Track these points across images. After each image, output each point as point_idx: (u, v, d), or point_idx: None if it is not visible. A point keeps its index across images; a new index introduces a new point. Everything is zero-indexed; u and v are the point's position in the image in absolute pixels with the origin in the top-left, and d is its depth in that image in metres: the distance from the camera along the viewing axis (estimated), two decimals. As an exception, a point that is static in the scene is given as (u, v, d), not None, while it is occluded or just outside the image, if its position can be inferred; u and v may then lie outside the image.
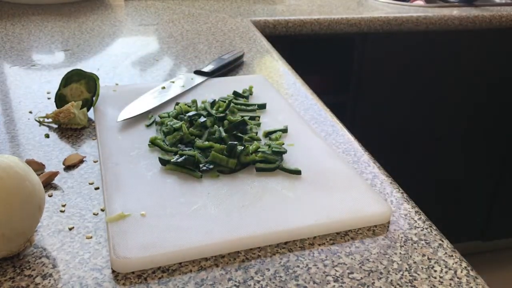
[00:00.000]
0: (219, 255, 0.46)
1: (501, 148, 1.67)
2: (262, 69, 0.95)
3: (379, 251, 0.47)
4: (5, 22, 1.18)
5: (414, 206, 0.54)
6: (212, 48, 1.04)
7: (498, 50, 1.51)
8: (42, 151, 0.63)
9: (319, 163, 0.59)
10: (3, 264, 0.44)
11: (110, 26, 1.18)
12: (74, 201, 0.53)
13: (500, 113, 1.61)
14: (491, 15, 1.42)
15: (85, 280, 0.43)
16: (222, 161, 0.57)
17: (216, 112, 0.68)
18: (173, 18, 1.28)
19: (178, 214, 0.49)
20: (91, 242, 0.47)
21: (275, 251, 0.47)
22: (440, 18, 1.38)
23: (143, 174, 0.56)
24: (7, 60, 0.95)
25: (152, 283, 0.43)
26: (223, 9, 1.38)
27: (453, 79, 1.51)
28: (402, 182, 0.65)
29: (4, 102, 0.77)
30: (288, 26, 1.30)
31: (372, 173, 0.60)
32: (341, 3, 1.48)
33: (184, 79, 0.83)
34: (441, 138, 1.60)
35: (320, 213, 0.50)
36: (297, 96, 0.82)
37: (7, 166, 0.42)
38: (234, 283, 0.43)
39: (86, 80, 0.73)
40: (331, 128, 0.71)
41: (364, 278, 0.44)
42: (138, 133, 0.65)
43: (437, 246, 0.48)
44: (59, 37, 1.09)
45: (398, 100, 1.51)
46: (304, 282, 0.43)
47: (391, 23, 1.36)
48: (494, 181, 1.72)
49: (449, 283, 0.44)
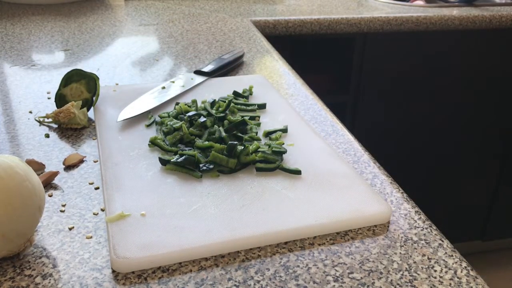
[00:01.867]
0: (219, 255, 0.46)
1: (501, 148, 1.67)
2: (262, 69, 0.95)
3: (379, 251, 0.47)
4: (5, 22, 1.18)
5: (414, 206, 0.54)
6: (212, 48, 1.04)
7: (498, 50, 1.51)
8: (42, 151, 0.63)
9: (319, 163, 0.59)
10: (3, 264, 0.44)
11: (110, 26, 1.18)
12: (74, 201, 0.53)
13: (500, 113, 1.61)
14: (491, 15, 1.42)
15: (85, 280, 0.43)
16: (222, 161, 0.57)
17: (216, 112, 0.68)
18: (173, 18, 1.28)
19: (178, 214, 0.49)
20: (91, 242, 0.47)
21: (275, 251, 0.47)
22: (440, 18, 1.38)
23: (143, 174, 0.56)
24: (7, 60, 0.95)
25: (152, 283, 0.43)
26: (223, 9, 1.38)
27: (453, 79, 1.51)
28: (402, 182, 0.65)
29: (4, 102, 0.77)
30: (288, 26, 1.30)
31: (372, 173, 0.60)
32: (341, 3, 1.48)
33: (184, 79, 0.83)
34: (441, 138, 1.60)
35: (320, 213, 0.50)
36: (297, 96, 0.82)
37: (7, 166, 0.42)
38: (234, 283, 0.43)
39: (86, 80, 0.73)
40: (331, 128, 0.71)
41: (364, 278, 0.44)
42: (138, 133, 0.65)
43: (437, 246, 0.48)
44: (59, 37, 1.09)
45: (398, 100, 1.51)
46: (304, 282, 0.43)
47: (391, 23, 1.36)
48: (494, 181, 1.72)
49: (449, 283, 0.44)
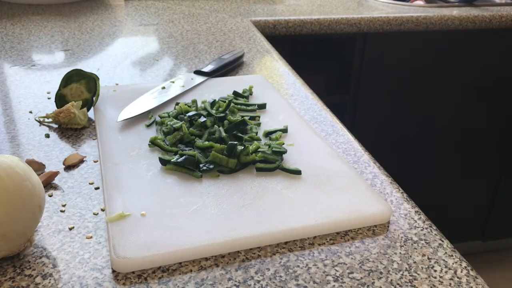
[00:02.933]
0: (219, 255, 0.46)
1: (501, 148, 1.67)
2: (262, 69, 0.95)
3: (379, 251, 0.47)
4: (5, 22, 1.18)
5: (414, 206, 0.55)
6: (212, 48, 1.04)
7: (498, 50, 1.51)
8: (42, 151, 0.63)
9: (319, 163, 0.59)
10: (3, 264, 0.44)
11: (110, 26, 1.18)
12: (74, 201, 0.53)
13: (500, 113, 1.61)
14: (491, 15, 1.42)
15: (85, 280, 0.43)
16: (222, 161, 0.57)
17: (216, 112, 0.68)
18: (173, 18, 1.28)
19: (178, 214, 0.49)
20: (91, 242, 0.47)
21: (275, 251, 0.47)
22: (440, 18, 1.38)
23: (143, 174, 0.56)
24: (7, 60, 0.95)
25: (152, 283, 0.43)
26: (223, 9, 1.38)
27: (453, 79, 1.51)
28: (402, 182, 0.65)
29: (4, 102, 0.77)
30: (288, 26, 1.30)
31: (372, 173, 0.60)
32: (341, 3, 1.48)
33: (184, 79, 0.83)
34: (441, 138, 1.60)
35: (320, 213, 0.50)
36: (297, 96, 0.82)
37: (8, 166, 0.42)
38: (234, 283, 0.43)
39: (86, 80, 0.73)
40: (331, 128, 0.71)
41: (364, 278, 0.44)
42: (138, 133, 0.65)
43: (437, 246, 0.48)
44: (59, 37, 1.09)
45: (398, 100, 1.51)
46: (304, 282, 0.43)
47: (391, 23, 1.36)
48: (494, 181, 1.72)
49: (449, 283, 0.44)
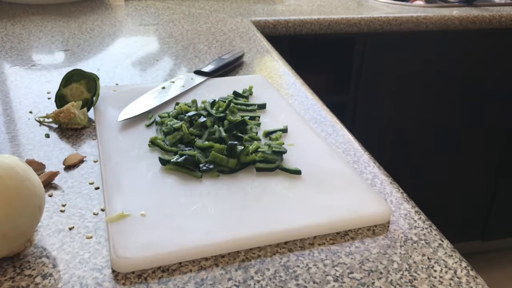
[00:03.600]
0: (219, 255, 0.46)
1: (501, 148, 1.67)
2: (262, 69, 0.95)
3: (379, 251, 0.47)
4: (5, 22, 1.18)
5: (414, 206, 0.54)
6: (212, 48, 1.04)
7: (498, 50, 1.51)
8: (42, 151, 0.63)
9: (319, 163, 0.59)
10: (3, 264, 0.44)
11: (110, 26, 1.18)
12: (74, 201, 0.53)
13: (500, 113, 1.61)
14: (491, 15, 1.42)
15: (85, 280, 0.43)
16: (222, 161, 0.57)
17: (216, 112, 0.68)
18: (173, 18, 1.28)
19: (178, 214, 0.49)
20: (91, 242, 0.47)
21: (275, 251, 0.47)
22: (440, 18, 1.39)
23: (143, 174, 0.56)
24: (7, 60, 0.95)
25: (152, 283, 0.43)
26: (223, 9, 1.38)
27: (453, 79, 1.52)
28: (402, 182, 0.65)
29: (4, 102, 0.77)
30: (288, 26, 1.30)
31: (372, 173, 0.60)
32: (341, 3, 1.48)
33: (184, 79, 0.83)
34: (441, 138, 1.60)
35: (320, 213, 0.50)
36: (297, 96, 0.82)
37: (8, 166, 0.42)
38: (234, 282, 0.43)
39: (86, 80, 0.73)
40: (331, 128, 0.71)
41: (364, 278, 0.44)
42: (138, 133, 0.65)
43: (437, 246, 0.48)
44: (59, 37, 1.09)
45: (398, 100, 1.51)
46: (304, 282, 0.43)
47: (391, 23, 1.36)
48: (494, 181, 1.72)
49: (449, 283, 0.44)
